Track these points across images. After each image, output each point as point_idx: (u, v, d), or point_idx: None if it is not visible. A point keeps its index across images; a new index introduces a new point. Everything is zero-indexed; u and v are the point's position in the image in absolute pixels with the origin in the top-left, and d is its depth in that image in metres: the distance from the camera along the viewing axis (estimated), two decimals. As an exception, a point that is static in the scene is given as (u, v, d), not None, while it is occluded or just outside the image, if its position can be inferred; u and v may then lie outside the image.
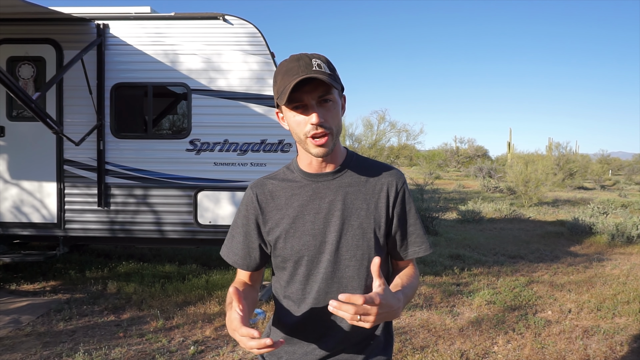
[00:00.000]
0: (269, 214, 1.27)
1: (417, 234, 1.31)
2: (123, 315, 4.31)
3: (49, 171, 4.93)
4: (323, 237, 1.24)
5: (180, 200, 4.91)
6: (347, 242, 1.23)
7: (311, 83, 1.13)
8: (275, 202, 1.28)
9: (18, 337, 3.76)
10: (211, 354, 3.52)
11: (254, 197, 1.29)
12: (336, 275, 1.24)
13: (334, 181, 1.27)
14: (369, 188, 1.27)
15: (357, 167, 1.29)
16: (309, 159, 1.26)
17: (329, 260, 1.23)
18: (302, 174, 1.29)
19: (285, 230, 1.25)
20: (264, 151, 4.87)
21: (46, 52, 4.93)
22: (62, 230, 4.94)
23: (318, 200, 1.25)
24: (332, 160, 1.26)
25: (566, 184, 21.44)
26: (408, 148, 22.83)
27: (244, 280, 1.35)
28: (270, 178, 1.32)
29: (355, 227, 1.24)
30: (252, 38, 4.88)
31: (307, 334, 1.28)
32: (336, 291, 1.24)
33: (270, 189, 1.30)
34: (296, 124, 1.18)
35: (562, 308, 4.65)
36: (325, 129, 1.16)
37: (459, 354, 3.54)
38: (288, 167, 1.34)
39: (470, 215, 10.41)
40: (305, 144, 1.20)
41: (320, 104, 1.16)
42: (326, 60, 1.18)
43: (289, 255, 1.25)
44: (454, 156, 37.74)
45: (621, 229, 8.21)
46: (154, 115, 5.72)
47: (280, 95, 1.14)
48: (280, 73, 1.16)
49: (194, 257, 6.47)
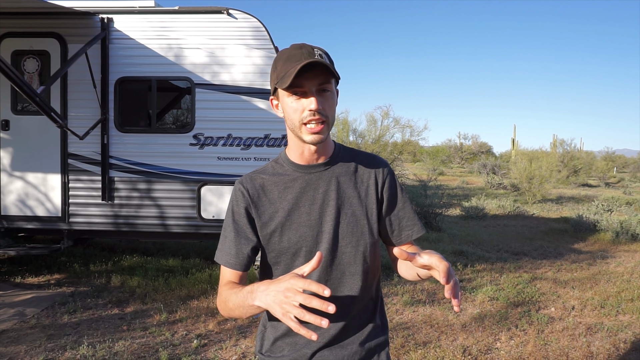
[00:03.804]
0: (262, 208, 1.26)
1: (407, 217, 1.33)
2: (127, 308, 4.33)
3: (54, 165, 4.95)
4: (319, 227, 1.25)
5: (184, 195, 4.91)
6: (343, 230, 1.26)
7: (313, 70, 1.13)
8: (268, 196, 1.27)
9: (23, 330, 3.79)
10: (214, 347, 3.53)
11: (245, 192, 1.26)
12: (334, 263, 1.26)
13: (326, 172, 1.28)
14: (358, 177, 1.30)
15: (346, 158, 1.32)
16: (301, 149, 1.25)
17: (327, 249, 1.24)
18: (294, 166, 1.28)
19: (281, 223, 1.24)
20: (267, 146, 4.87)
21: (51, 45, 4.93)
22: (67, 223, 4.96)
23: (312, 191, 1.26)
24: (323, 152, 1.27)
25: (570, 181, 21.36)
26: (412, 144, 22.76)
27: (232, 281, 1.27)
28: (260, 173, 1.31)
29: (349, 215, 1.26)
30: (256, 32, 4.86)
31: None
32: (335, 278, 1.26)
33: (260, 183, 1.28)
34: (293, 110, 1.18)
35: (565, 305, 4.64)
36: (322, 116, 1.17)
37: (462, 350, 3.54)
38: (276, 161, 1.33)
39: (473, 211, 10.39)
40: (299, 131, 1.19)
41: (319, 93, 1.17)
42: (325, 52, 1.19)
43: (286, 248, 1.25)
44: (457, 152, 37.63)
45: (625, 227, 8.18)
46: (157, 110, 5.72)
47: (281, 79, 1.14)
48: (282, 59, 1.16)
49: (198, 252, 6.49)
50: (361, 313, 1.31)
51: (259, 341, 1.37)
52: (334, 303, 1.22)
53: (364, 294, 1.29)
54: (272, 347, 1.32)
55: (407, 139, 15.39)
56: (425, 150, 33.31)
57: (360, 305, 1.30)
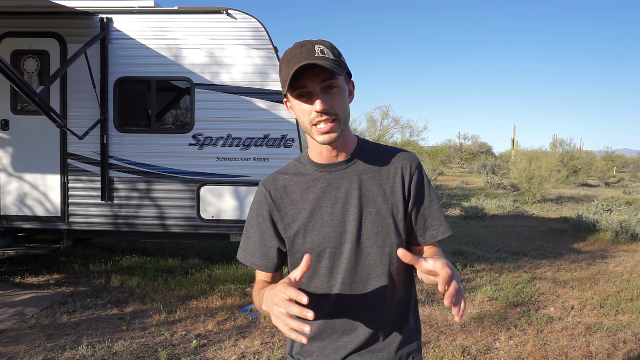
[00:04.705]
0: (285, 210, 1.24)
1: (433, 217, 1.27)
2: (126, 308, 4.33)
3: (53, 165, 4.95)
4: (343, 227, 1.21)
5: (183, 195, 4.91)
6: (367, 230, 1.21)
7: (314, 70, 1.11)
8: (290, 197, 1.25)
9: (22, 329, 3.79)
10: (213, 347, 3.53)
11: (267, 194, 1.26)
12: (359, 264, 1.22)
13: (348, 170, 1.24)
14: (383, 174, 1.25)
15: (369, 154, 1.27)
16: (319, 148, 1.22)
17: (350, 250, 1.21)
18: (314, 165, 1.25)
19: (304, 224, 1.22)
20: (266, 146, 4.87)
21: (50, 45, 4.94)
22: (66, 223, 4.96)
23: (334, 190, 1.23)
24: (343, 149, 1.24)
25: (570, 181, 21.36)
26: (411, 144, 22.78)
27: (264, 281, 1.30)
28: (282, 173, 1.29)
29: (373, 214, 1.21)
30: (255, 32, 4.86)
31: (335, 328, 1.25)
32: (360, 280, 1.22)
33: (283, 184, 1.26)
34: (301, 112, 1.16)
35: (564, 305, 4.64)
36: (330, 115, 1.14)
37: (461, 350, 3.55)
38: (299, 160, 1.30)
39: (473, 211, 10.39)
40: (311, 132, 1.18)
41: (324, 91, 1.14)
42: (330, 45, 1.15)
43: (310, 249, 1.22)
44: (457, 152, 37.64)
45: (625, 226, 8.18)
46: (157, 110, 5.73)
47: (284, 83, 1.13)
48: (285, 61, 1.15)
49: (197, 252, 6.50)
50: (391, 316, 1.26)
51: (290, 342, 1.35)
52: (361, 306, 1.23)
53: (392, 297, 1.25)
54: (302, 350, 1.31)
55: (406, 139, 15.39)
56: (425, 151, 33.31)
57: (389, 308, 1.25)
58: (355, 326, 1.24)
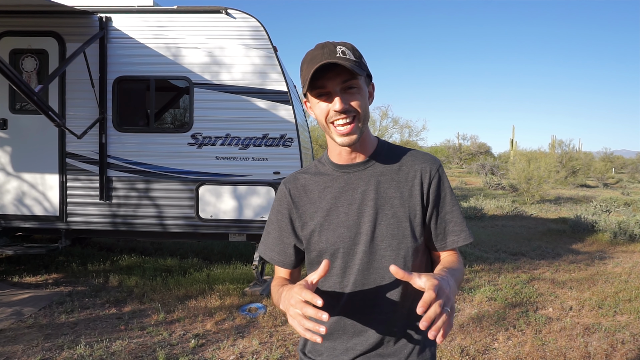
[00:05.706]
0: (303, 208, 1.26)
1: (455, 222, 1.24)
2: (124, 308, 4.32)
3: (51, 164, 4.94)
4: (357, 228, 1.21)
5: (182, 194, 4.91)
6: (382, 232, 1.20)
7: (334, 70, 1.11)
8: (309, 196, 1.26)
9: (20, 329, 3.78)
10: (211, 347, 3.53)
11: (287, 193, 1.28)
12: (372, 266, 1.21)
13: (366, 171, 1.24)
14: (402, 176, 1.23)
15: (388, 156, 1.26)
16: (338, 149, 1.23)
17: (364, 251, 1.20)
18: (333, 166, 1.27)
19: (320, 223, 1.23)
20: (265, 146, 4.86)
21: (49, 44, 4.93)
22: (64, 223, 4.96)
23: (350, 191, 1.23)
24: (362, 150, 1.24)
25: (569, 182, 21.39)
26: (411, 144, 22.80)
27: (283, 277, 1.32)
28: (303, 172, 1.31)
29: (389, 217, 1.20)
30: (254, 32, 4.85)
31: (346, 328, 1.25)
32: (373, 282, 1.21)
33: (302, 183, 1.28)
34: (320, 111, 1.17)
35: (563, 305, 4.65)
36: (349, 113, 1.14)
37: (459, 350, 3.55)
38: (320, 160, 1.32)
39: (472, 212, 10.40)
40: (330, 132, 1.18)
41: (344, 91, 1.14)
42: (352, 47, 1.16)
43: (325, 248, 1.23)
44: (456, 153, 37.67)
45: (624, 227, 8.19)
46: (156, 109, 5.72)
47: (305, 83, 1.14)
48: (306, 61, 1.15)
49: (196, 251, 6.49)
50: (404, 321, 1.24)
51: (303, 340, 1.36)
52: (372, 308, 1.22)
53: (405, 301, 1.22)
54: (313, 349, 1.32)
55: (405, 139, 15.39)
56: (424, 151, 33.31)
57: (402, 312, 1.23)
58: (366, 328, 1.24)
